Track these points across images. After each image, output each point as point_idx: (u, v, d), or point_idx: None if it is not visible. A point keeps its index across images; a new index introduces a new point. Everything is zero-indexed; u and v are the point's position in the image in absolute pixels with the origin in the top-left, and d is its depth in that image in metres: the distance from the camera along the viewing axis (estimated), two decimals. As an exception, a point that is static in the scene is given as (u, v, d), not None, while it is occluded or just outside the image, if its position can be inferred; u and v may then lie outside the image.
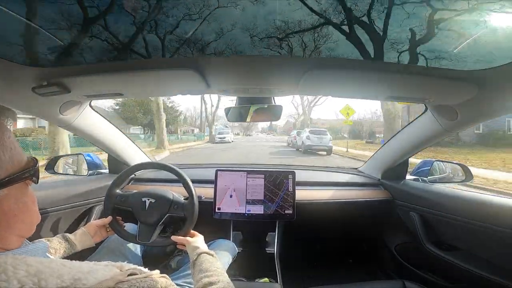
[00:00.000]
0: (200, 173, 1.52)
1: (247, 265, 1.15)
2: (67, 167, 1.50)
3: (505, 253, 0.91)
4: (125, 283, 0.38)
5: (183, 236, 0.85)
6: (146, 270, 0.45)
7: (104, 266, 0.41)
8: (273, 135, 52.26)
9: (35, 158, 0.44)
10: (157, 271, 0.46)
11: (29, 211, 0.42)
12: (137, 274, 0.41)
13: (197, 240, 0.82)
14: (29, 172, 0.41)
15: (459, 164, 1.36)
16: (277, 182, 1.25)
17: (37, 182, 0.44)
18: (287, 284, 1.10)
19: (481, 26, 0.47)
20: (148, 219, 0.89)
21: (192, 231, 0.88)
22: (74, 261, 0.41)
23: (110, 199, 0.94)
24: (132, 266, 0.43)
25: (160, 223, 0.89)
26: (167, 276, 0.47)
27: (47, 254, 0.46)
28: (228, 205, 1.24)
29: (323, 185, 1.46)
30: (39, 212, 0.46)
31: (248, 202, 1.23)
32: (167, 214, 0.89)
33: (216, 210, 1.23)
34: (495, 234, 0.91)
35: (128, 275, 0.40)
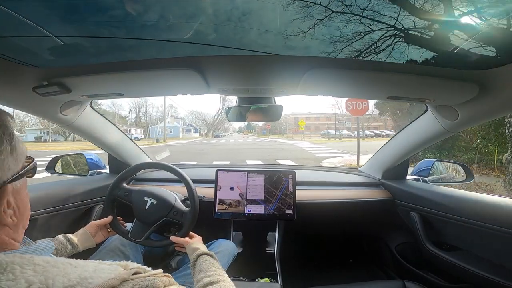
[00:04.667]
0: (200, 173, 1.52)
1: (247, 265, 1.15)
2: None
3: (505, 253, 0.90)
4: (129, 281, 0.38)
5: (182, 237, 0.85)
6: (149, 269, 0.45)
7: (109, 265, 0.41)
8: (252, 135, 46.45)
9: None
10: (160, 270, 0.46)
11: (28, 203, 0.45)
12: (141, 273, 0.41)
13: (196, 241, 0.83)
14: (33, 166, 0.44)
15: (459, 164, 1.36)
16: (278, 182, 1.24)
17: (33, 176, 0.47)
18: (288, 284, 1.10)
19: (481, 27, 0.47)
20: (145, 218, 0.90)
21: (190, 233, 0.88)
22: (79, 260, 0.41)
23: (114, 191, 0.95)
24: (136, 265, 0.44)
25: (156, 225, 0.89)
26: (170, 276, 0.47)
27: (50, 254, 0.47)
28: (228, 205, 1.24)
29: (324, 185, 1.46)
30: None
31: (248, 202, 1.23)
32: (165, 218, 0.90)
33: (217, 210, 1.23)
34: (495, 234, 0.90)
35: (133, 274, 0.40)
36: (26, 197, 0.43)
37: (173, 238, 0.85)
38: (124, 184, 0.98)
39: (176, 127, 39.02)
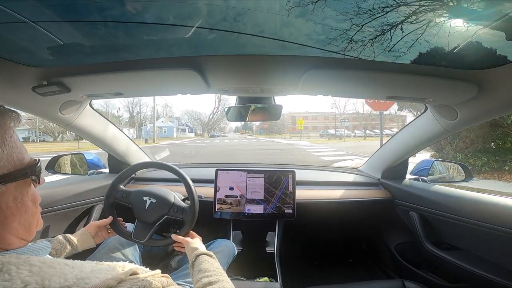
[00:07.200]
0: (200, 173, 1.52)
1: (247, 264, 1.15)
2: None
3: (505, 253, 0.91)
4: (127, 282, 0.38)
5: (183, 235, 0.85)
6: (147, 270, 0.45)
7: (107, 266, 0.41)
8: (248, 135, 44.98)
9: (37, 159, 0.44)
10: (158, 271, 0.46)
11: (28, 211, 0.41)
12: (138, 274, 0.41)
13: (195, 241, 0.82)
14: (28, 171, 0.41)
15: (459, 164, 1.36)
16: (277, 182, 1.25)
17: (38, 182, 0.44)
18: (287, 283, 1.10)
19: (481, 27, 0.47)
20: (146, 218, 0.90)
21: (191, 232, 0.88)
22: (76, 260, 0.41)
23: (112, 193, 0.94)
24: (134, 266, 0.43)
25: (157, 223, 0.89)
26: (169, 276, 0.47)
27: (47, 255, 0.46)
28: (228, 205, 1.24)
29: (323, 184, 1.46)
30: (40, 212, 0.46)
31: (248, 201, 1.23)
32: (166, 216, 0.89)
33: (216, 210, 1.23)
34: (495, 233, 0.91)
35: (130, 274, 0.40)
36: None
37: (174, 237, 0.85)
38: (121, 186, 0.97)
39: (170, 126, 38.26)
